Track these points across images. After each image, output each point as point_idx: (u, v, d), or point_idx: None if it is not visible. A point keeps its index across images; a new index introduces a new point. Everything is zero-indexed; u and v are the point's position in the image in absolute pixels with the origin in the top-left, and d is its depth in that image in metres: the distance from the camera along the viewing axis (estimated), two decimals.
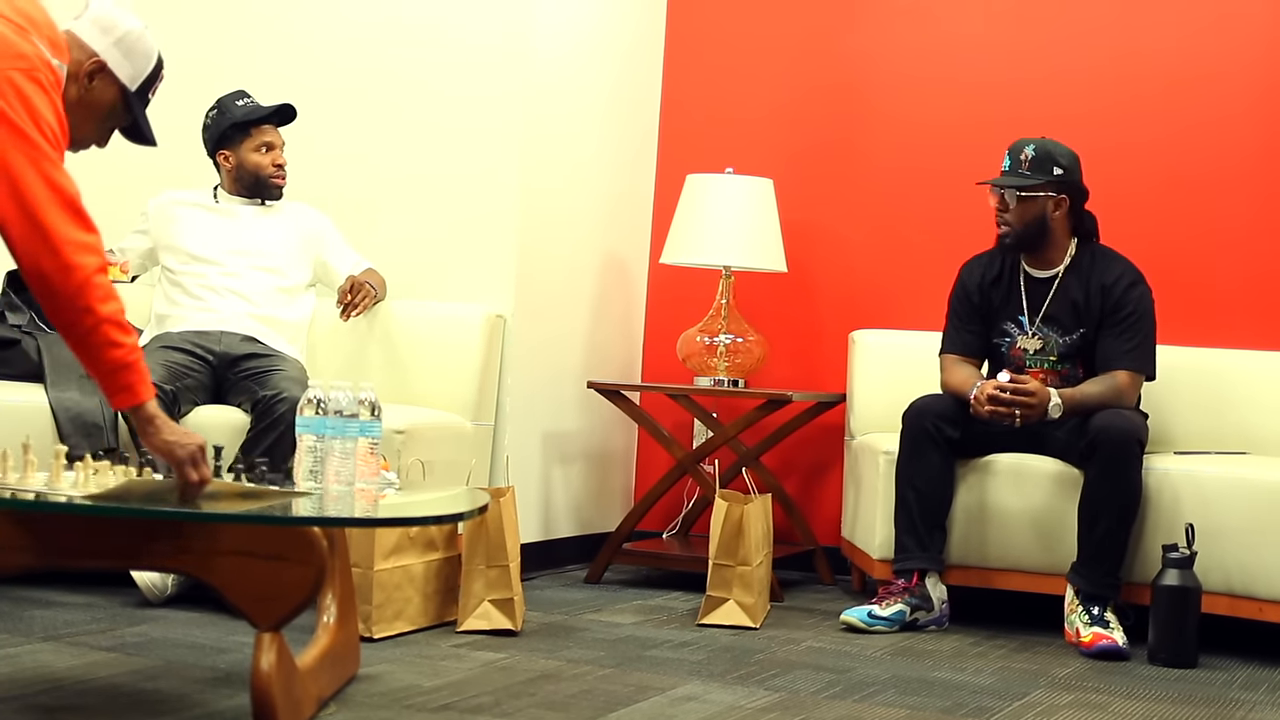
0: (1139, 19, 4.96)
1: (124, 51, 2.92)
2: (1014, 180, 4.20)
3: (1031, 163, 4.20)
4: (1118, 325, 4.19)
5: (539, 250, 4.83)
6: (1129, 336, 4.17)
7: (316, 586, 2.57)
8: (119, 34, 2.92)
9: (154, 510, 2.59)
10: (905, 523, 4.16)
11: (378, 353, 4.54)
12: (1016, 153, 4.23)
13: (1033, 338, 4.27)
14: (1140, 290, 4.21)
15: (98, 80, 2.90)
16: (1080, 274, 4.25)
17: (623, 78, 5.29)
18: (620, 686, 3.22)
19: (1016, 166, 4.21)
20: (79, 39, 2.89)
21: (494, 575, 3.74)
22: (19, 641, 3.31)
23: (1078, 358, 4.26)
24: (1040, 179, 4.19)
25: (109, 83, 2.91)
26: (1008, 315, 4.32)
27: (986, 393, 4.08)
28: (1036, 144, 4.21)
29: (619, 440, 5.40)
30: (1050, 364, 4.27)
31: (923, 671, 3.58)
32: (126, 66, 2.92)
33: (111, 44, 2.90)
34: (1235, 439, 4.47)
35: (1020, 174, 4.20)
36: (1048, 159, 4.20)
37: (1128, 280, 4.22)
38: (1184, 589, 3.83)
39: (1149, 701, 3.39)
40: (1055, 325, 4.25)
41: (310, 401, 3.03)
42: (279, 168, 4.48)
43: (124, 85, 2.93)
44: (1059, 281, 4.26)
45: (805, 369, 5.28)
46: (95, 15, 2.93)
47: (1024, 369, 4.26)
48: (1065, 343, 4.24)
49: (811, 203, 5.26)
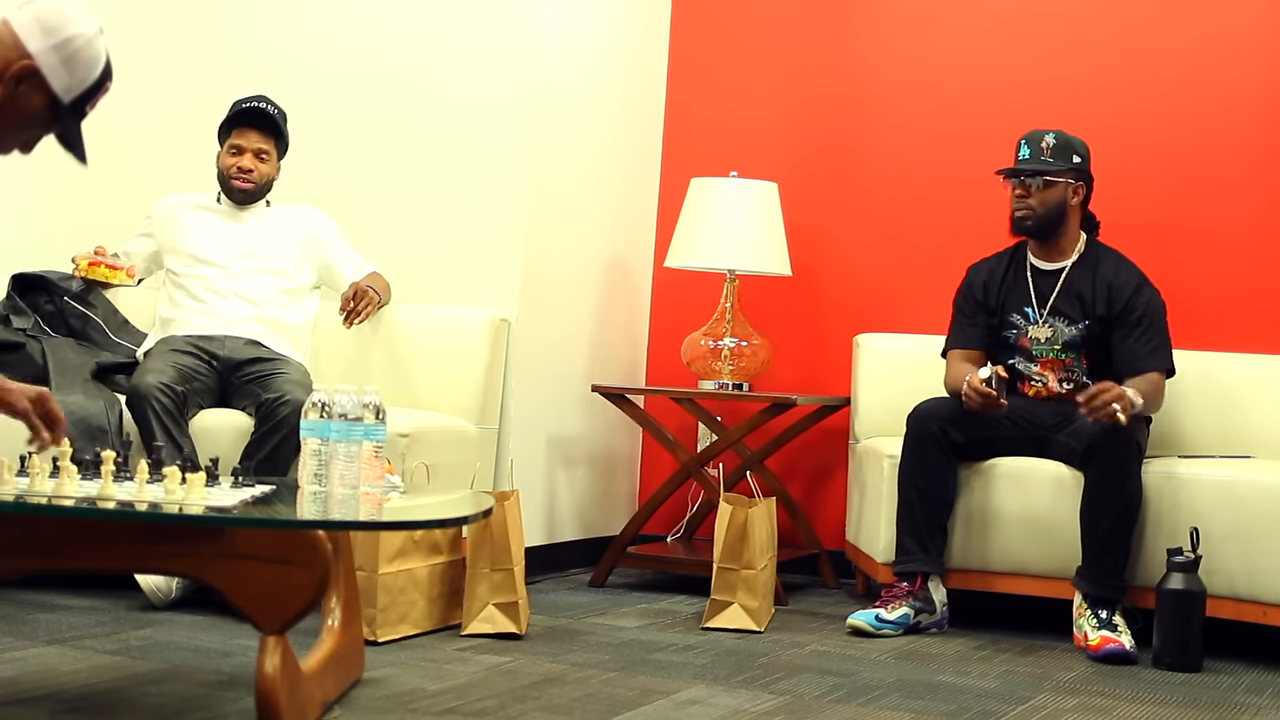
0: (1141, 25, 4.96)
1: (64, 58, 2.57)
2: (1038, 165, 4.26)
3: (1053, 150, 4.27)
4: (1134, 328, 4.22)
5: (544, 254, 4.83)
6: (1148, 338, 4.21)
7: (321, 590, 2.57)
8: (62, 37, 2.58)
9: (158, 514, 2.59)
10: (908, 525, 4.16)
11: (382, 356, 4.54)
12: (1036, 141, 4.29)
13: (1043, 326, 4.29)
14: (1148, 292, 4.26)
15: (25, 85, 2.57)
16: (1087, 268, 4.30)
17: (627, 82, 5.30)
18: (625, 690, 3.22)
19: (1039, 154, 4.28)
20: (14, 34, 2.57)
21: (498, 579, 3.74)
22: (24, 645, 3.31)
23: (1082, 349, 4.28)
24: (1063, 165, 4.26)
25: (37, 89, 2.58)
26: (1014, 307, 4.35)
27: (973, 384, 4.10)
28: (1055, 133, 4.30)
29: (623, 444, 5.40)
30: (1055, 353, 4.30)
31: (927, 675, 3.58)
32: (63, 75, 2.59)
33: (50, 47, 2.57)
34: (1240, 443, 4.47)
35: (1043, 160, 4.27)
36: (1068, 147, 4.29)
37: (1134, 283, 4.26)
38: (1189, 593, 3.83)
39: (1154, 705, 3.38)
40: (1062, 316, 4.29)
41: (315, 405, 3.03)
42: (242, 171, 4.45)
43: (56, 96, 2.60)
44: (1066, 274, 4.31)
45: (810, 373, 5.27)
46: (40, 11, 2.58)
47: (1034, 359, 4.30)
48: (1071, 333, 4.27)
49: (816, 206, 5.26)
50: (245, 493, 2.80)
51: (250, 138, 4.46)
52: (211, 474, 2.81)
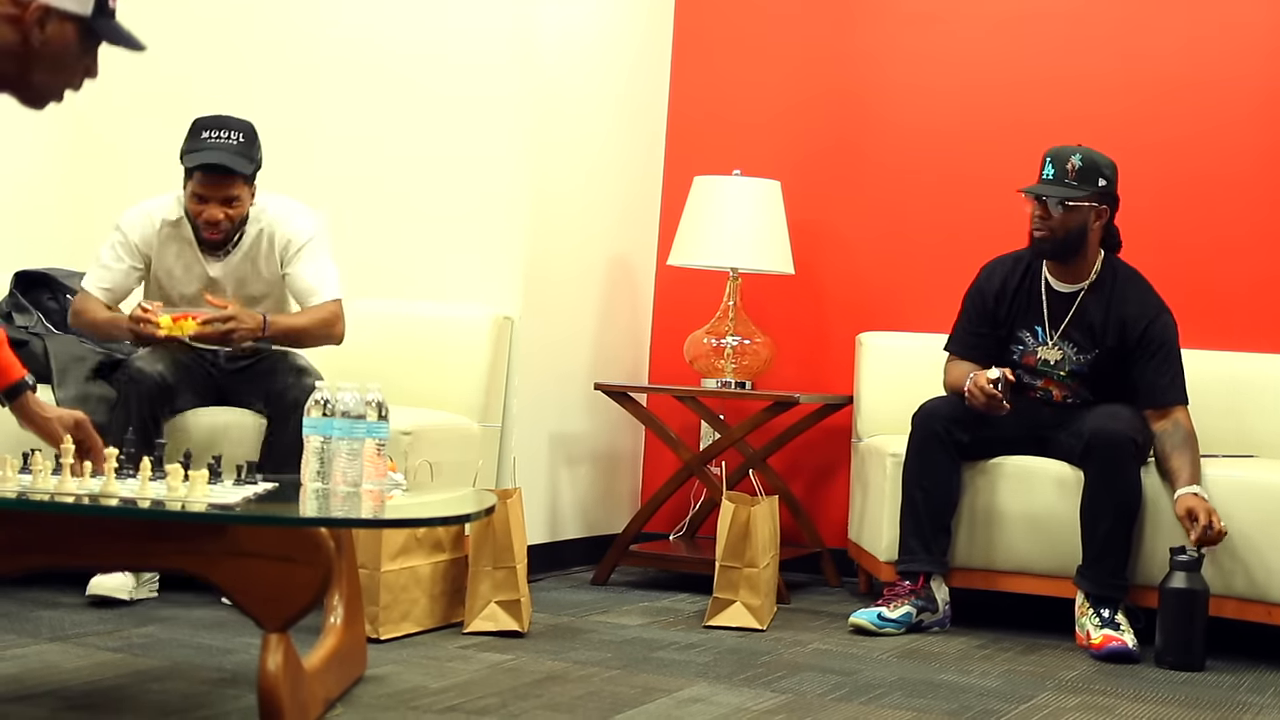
0: (1142, 24, 4.96)
1: None
2: (1061, 191, 4.13)
3: (1078, 173, 4.14)
4: (1151, 358, 4.16)
5: (546, 252, 4.83)
6: (1165, 369, 4.16)
7: (323, 587, 2.57)
8: None
9: (161, 512, 2.59)
10: (911, 525, 4.16)
11: (385, 354, 4.54)
12: (1062, 161, 4.15)
13: (1052, 348, 4.25)
14: (1164, 321, 4.19)
15: (49, 24, 2.55)
16: (1102, 295, 4.22)
17: (630, 80, 5.29)
18: (627, 688, 3.22)
19: (1063, 176, 4.14)
20: None
21: (501, 577, 3.75)
22: (26, 642, 3.31)
23: (1087, 377, 4.25)
24: (1087, 190, 4.14)
25: (60, 20, 2.55)
26: (1024, 324, 4.29)
27: (979, 383, 4.09)
28: (1082, 153, 4.15)
29: (626, 442, 5.40)
30: (1060, 378, 4.26)
31: (929, 674, 3.58)
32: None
33: None
34: (1243, 442, 4.46)
35: (1067, 184, 4.14)
36: (1094, 170, 4.15)
37: (1150, 315, 4.18)
38: (1191, 591, 3.82)
39: (1156, 704, 3.38)
40: (1072, 343, 4.24)
41: (317, 403, 3.04)
42: (209, 223, 4.06)
43: (78, 15, 2.56)
44: (1080, 300, 4.23)
45: (812, 371, 5.27)
46: None
47: (1038, 376, 4.28)
48: (1079, 361, 4.23)
49: (819, 204, 5.26)
50: (248, 490, 2.80)
51: (214, 189, 4.05)
52: (214, 471, 2.81)
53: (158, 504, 2.60)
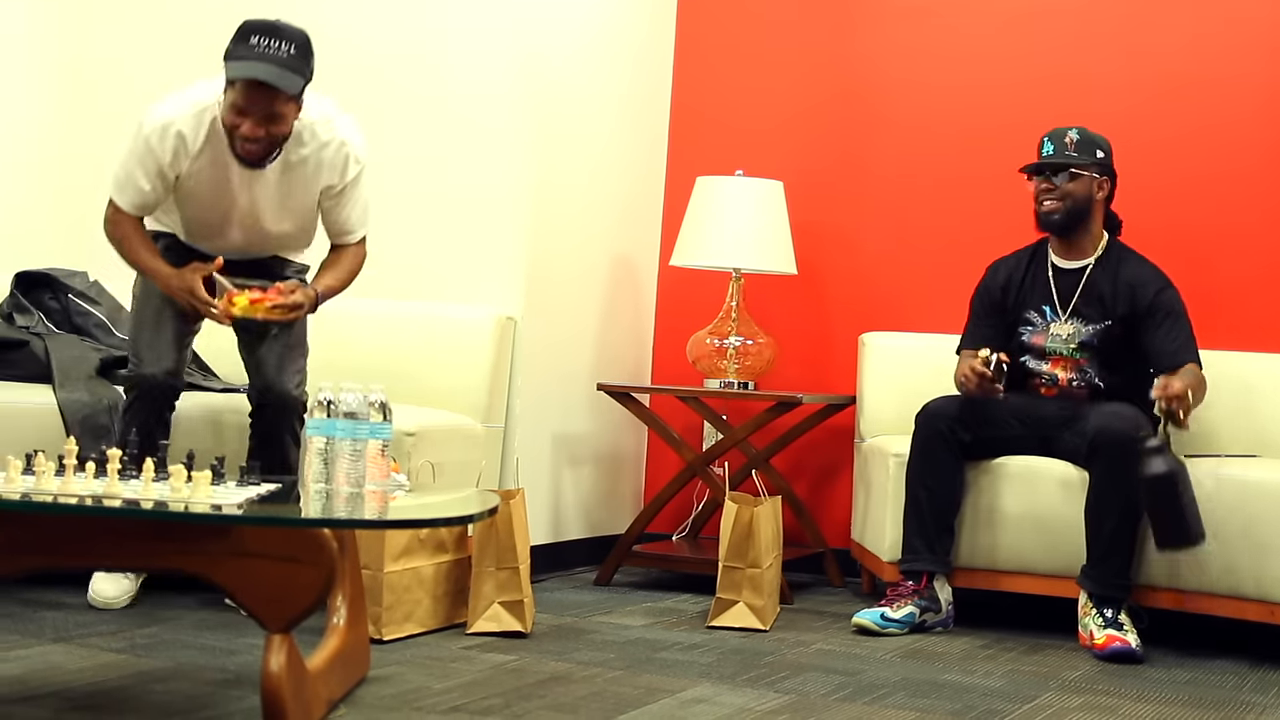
0: (1147, 22, 4.96)
1: None
2: (1063, 159, 4.26)
3: (1077, 145, 4.28)
4: (1160, 324, 4.21)
5: (549, 252, 4.83)
6: (1175, 334, 4.21)
7: (326, 588, 2.57)
8: None
9: (164, 513, 2.59)
10: (915, 524, 4.16)
11: (388, 354, 4.54)
12: (1059, 137, 4.29)
13: (1064, 324, 4.28)
14: (1171, 292, 4.26)
15: None
16: (1108, 269, 4.30)
17: (633, 80, 5.29)
18: (630, 689, 3.22)
19: (1063, 149, 4.28)
20: None
21: (504, 577, 3.74)
22: (29, 643, 3.31)
23: (1096, 349, 4.26)
24: (1088, 159, 4.27)
25: None
26: (1032, 305, 4.34)
27: (971, 364, 4.11)
28: (1078, 129, 4.31)
29: (629, 442, 5.40)
30: (1070, 352, 4.29)
31: (932, 674, 3.58)
32: None
33: None
34: (1246, 441, 4.46)
35: (1067, 155, 4.27)
36: (1091, 143, 4.30)
37: (1157, 285, 4.26)
38: (1169, 474, 3.81)
39: (1159, 704, 3.38)
40: (1081, 318, 4.28)
41: (320, 403, 3.03)
42: (247, 139, 3.67)
43: None
44: (1088, 274, 4.30)
45: (815, 371, 5.27)
46: None
47: (1045, 357, 4.30)
48: (1088, 333, 4.27)
49: (821, 205, 5.26)
50: (251, 491, 2.80)
51: (257, 104, 3.63)
52: (217, 472, 2.81)
53: (161, 505, 2.60)
